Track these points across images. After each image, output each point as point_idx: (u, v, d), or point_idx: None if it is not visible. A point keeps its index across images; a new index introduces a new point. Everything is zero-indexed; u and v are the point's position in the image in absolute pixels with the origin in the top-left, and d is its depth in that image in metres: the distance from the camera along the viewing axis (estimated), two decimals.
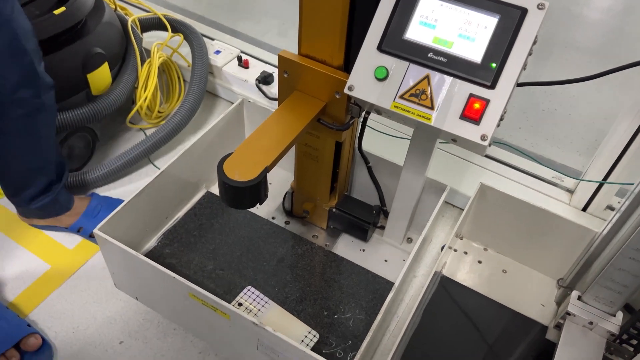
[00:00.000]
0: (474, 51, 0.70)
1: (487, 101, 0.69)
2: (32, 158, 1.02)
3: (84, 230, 1.12)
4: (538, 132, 1.48)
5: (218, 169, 0.76)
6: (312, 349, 0.92)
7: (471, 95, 0.70)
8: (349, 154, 1.04)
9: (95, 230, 0.90)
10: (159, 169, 1.02)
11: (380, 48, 0.74)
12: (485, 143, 0.69)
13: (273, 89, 1.38)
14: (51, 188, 1.07)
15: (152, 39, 1.48)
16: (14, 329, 0.95)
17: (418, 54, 0.72)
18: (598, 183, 1.14)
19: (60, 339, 0.99)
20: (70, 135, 1.19)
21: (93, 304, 1.04)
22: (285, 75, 0.89)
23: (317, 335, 0.96)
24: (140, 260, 0.87)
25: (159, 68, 1.34)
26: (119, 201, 1.15)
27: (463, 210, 1.24)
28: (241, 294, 1.01)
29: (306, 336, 0.96)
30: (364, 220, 1.08)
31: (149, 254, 1.07)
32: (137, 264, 0.89)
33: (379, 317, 0.85)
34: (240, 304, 0.99)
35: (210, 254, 1.07)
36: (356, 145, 1.06)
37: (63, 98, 1.14)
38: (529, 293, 1.07)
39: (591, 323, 0.92)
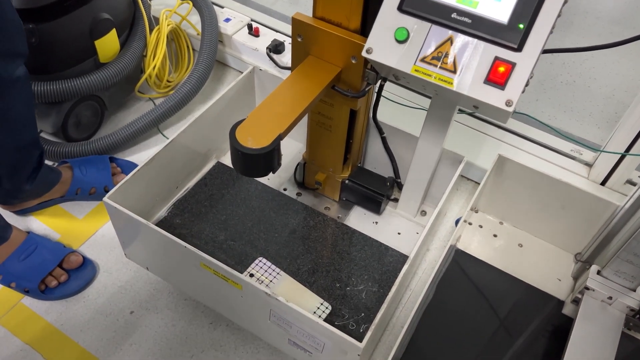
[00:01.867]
0: (501, 11, 0.67)
1: (513, 65, 0.66)
2: (31, 130, 0.99)
3: (82, 191, 1.11)
4: (556, 104, 1.44)
5: (230, 135, 0.74)
6: (324, 321, 0.91)
7: (496, 58, 0.67)
8: (363, 123, 1.01)
9: (105, 199, 0.89)
10: (168, 138, 1.00)
11: (400, 8, 0.71)
12: (510, 109, 0.66)
13: (284, 58, 1.34)
14: (42, 157, 1.04)
15: (161, 6, 1.44)
16: (54, 251, 1.02)
17: (441, 15, 0.69)
18: (619, 156, 1.11)
19: (70, 308, 0.98)
20: (78, 104, 1.17)
21: (103, 273, 1.04)
22: (299, 40, 0.86)
23: (330, 307, 0.95)
24: (151, 229, 0.86)
25: (167, 36, 1.31)
26: (97, 157, 1.15)
27: (477, 183, 1.22)
28: (252, 265, 0.99)
29: (318, 307, 0.95)
30: (377, 193, 1.06)
31: (159, 224, 1.05)
32: (148, 233, 0.88)
33: (393, 289, 0.83)
34: (251, 275, 0.98)
35: (221, 225, 1.05)
36: (370, 114, 1.03)
37: (70, 65, 1.12)
38: (545, 267, 1.05)
39: (610, 298, 0.90)
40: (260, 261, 1.00)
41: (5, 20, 0.84)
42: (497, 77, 0.66)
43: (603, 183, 1.18)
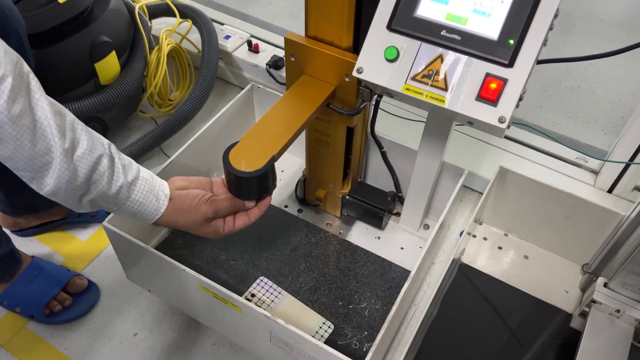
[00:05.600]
0: (490, 27, 0.66)
1: (505, 81, 0.65)
2: None
3: (84, 213, 1.12)
4: (560, 110, 1.42)
5: (224, 158, 0.74)
6: (327, 340, 0.91)
7: (488, 74, 0.66)
8: (361, 139, 1.00)
9: (105, 223, 0.89)
10: (170, 157, 1.00)
11: (390, 27, 0.70)
12: (504, 125, 0.65)
13: (284, 74, 1.34)
14: None
15: (161, 25, 1.45)
16: (58, 275, 1.02)
17: (430, 32, 0.68)
18: (624, 164, 1.09)
19: (75, 331, 0.99)
20: None
21: (107, 295, 1.04)
22: (293, 59, 0.86)
23: (332, 326, 0.94)
24: (150, 252, 0.86)
25: (168, 55, 1.32)
26: None
27: (481, 193, 1.20)
28: (254, 285, 0.99)
29: (320, 327, 0.94)
30: (378, 208, 1.05)
31: (161, 245, 1.06)
32: (147, 256, 0.88)
33: (395, 306, 0.82)
34: (253, 295, 0.98)
35: (223, 244, 1.05)
36: (369, 129, 1.02)
37: (71, 88, 1.13)
38: (552, 279, 1.03)
39: (618, 311, 0.88)
40: (261, 281, 1.00)
41: None
42: (488, 94, 0.65)
43: (610, 190, 1.16)
